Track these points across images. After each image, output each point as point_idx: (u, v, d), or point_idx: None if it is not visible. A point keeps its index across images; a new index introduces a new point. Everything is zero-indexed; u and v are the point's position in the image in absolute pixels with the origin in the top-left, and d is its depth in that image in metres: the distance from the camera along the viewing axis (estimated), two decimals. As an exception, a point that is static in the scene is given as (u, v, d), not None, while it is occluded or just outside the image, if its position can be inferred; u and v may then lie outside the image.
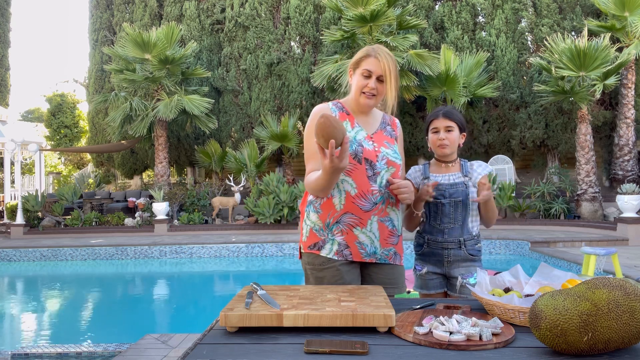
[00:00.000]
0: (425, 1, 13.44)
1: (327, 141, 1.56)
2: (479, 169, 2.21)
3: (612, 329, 1.07)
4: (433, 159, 2.28)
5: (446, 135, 2.14)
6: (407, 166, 2.36)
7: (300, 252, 1.99)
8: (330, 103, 1.96)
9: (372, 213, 1.86)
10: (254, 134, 13.58)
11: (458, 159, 2.24)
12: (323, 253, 1.88)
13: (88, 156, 21.38)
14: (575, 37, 11.29)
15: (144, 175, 17.97)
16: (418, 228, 2.29)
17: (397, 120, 2.07)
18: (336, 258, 1.87)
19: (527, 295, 1.49)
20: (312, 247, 1.91)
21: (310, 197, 1.95)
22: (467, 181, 2.17)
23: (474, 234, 2.19)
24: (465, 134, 2.21)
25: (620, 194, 9.31)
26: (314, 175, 1.80)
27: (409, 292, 4.17)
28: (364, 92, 1.87)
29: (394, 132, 2.02)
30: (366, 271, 1.95)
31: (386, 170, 1.89)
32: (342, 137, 1.57)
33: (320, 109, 1.92)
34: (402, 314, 1.43)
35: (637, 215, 9.10)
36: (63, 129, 21.01)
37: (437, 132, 2.17)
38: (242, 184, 12.60)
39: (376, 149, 1.89)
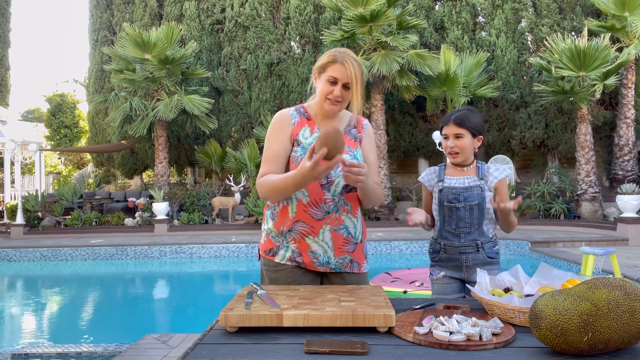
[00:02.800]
0: (425, 1, 13.44)
1: (328, 138, 1.56)
2: (496, 172, 2.15)
3: (612, 329, 1.07)
4: (449, 160, 2.22)
5: (455, 143, 2.08)
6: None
7: (260, 254, 1.98)
8: (292, 108, 1.91)
9: (325, 222, 1.82)
10: (254, 134, 13.58)
11: (475, 161, 2.17)
12: (277, 259, 1.87)
13: (88, 156, 21.38)
14: (575, 37, 11.28)
15: (144, 175, 17.97)
16: (432, 234, 2.25)
17: (364, 121, 1.98)
18: (289, 264, 1.86)
19: (527, 295, 1.49)
20: (268, 253, 1.90)
21: (268, 203, 1.94)
22: (482, 185, 2.12)
23: (490, 236, 2.15)
24: (481, 137, 2.13)
25: (620, 194, 9.31)
26: (274, 177, 1.77)
27: (405, 292, 4.18)
28: (329, 99, 1.82)
29: (359, 134, 1.93)
30: (325, 277, 1.92)
31: (342, 178, 1.81)
32: (336, 153, 1.56)
33: (280, 115, 1.89)
34: (402, 314, 1.43)
35: (637, 215, 9.10)
36: (63, 129, 21.01)
37: (447, 138, 2.12)
38: (242, 184, 12.60)
39: None
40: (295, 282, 1.85)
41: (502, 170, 2.17)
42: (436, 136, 11.26)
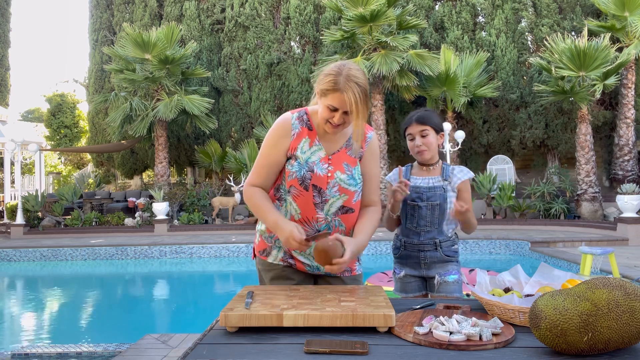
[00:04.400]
0: (425, 1, 13.44)
1: (320, 254, 1.62)
2: (460, 174, 2.19)
3: (612, 329, 1.07)
4: (416, 161, 2.27)
5: (422, 141, 2.14)
6: (404, 165, 2.33)
7: (254, 253, 1.99)
8: (295, 115, 1.81)
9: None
10: (254, 134, 13.58)
11: (440, 161, 2.23)
12: (270, 259, 1.89)
13: (88, 156, 21.38)
14: (575, 37, 11.28)
15: (144, 175, 17.97)
16: (396, 231, 2.29)
17: (368, 134, 1.87)
18: (282, 264, 1.87)
19: (527, 295, 1.49)
20: (262, 253, 1.92)
21: None
22: (446, 185, 2.17)
23: (449, 235, 2.19)
24: (442, 133, 2.20)
25: (620, 194, 9.31)
26: (263, 199, 1.79)
27: None
28: (329, 123, 1.73)
29: (361, 149, 1.84)
30: (319, 276, 1.92)
31: (337, 198, 1.78)
32: (325, 265, 1.64)
33: (282, 122, 1.81)
34: (402, 314, 1.43)
35: (637, 215, 9.09)
36: (63, 129, 21.02)
37: (413, 139, 2.17)
38: (242, 184, 12.60)
39: (329, 174, 1.77)
40: (288, 279, 1.86)
41: (465, 172, 2.21)
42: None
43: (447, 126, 11.27)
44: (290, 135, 1.79)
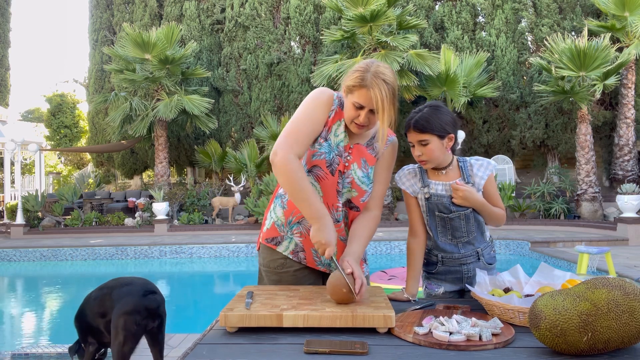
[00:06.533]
0: (425, 1, 13.44)
1: (333, 293, 1.45)
2: (480, 171, 1.87)
3: (611, 329, 1.07)
4: None
5: (422, 151, 1.80)
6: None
7: (259, 244, 1.89)
8: (335, 94, 1.77)
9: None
10: (254, 134, 13.58)
11: (455, 159, 1.89)
12: (279, 249, 1.80)
13: (88, 156, 21.38)
14: (575, 37, 11.28)
15: (144, 175, 17.97)
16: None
17: (390, 137, 1.84)
18: (291, 257, 1.80)
19: (527, 296, 1.49)
20: (270, 241, 1.82)
21: (280, 190, 1.86)
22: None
23: (487, 239, 1.94)
24: (452, 135, 1.80)
25: (620, 194, 9.31)
26: (304, 178, 1.60)
27: (404, 289, 4.16)
28: (355, 123, 1.70)
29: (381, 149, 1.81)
30: (326, 277, 1.87)
31: (348, 190, 1.75)
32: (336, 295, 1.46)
33: (326, 92, 1.74)
34: (401, 314, 1.43)
35: (637, 215, 9.09)
36: (63, 129, 21.01)
37: (413, 145, 1.85)
38: (242, 184, 12.60)
39: (347, 163, 1.75)
40: (297, 283, 1.81)
41: (486, 166, 1.89)
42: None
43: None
44: (330, 110, 1.73)
